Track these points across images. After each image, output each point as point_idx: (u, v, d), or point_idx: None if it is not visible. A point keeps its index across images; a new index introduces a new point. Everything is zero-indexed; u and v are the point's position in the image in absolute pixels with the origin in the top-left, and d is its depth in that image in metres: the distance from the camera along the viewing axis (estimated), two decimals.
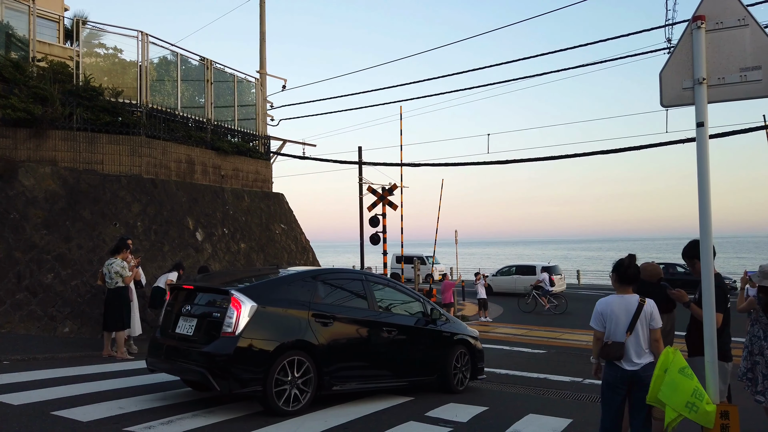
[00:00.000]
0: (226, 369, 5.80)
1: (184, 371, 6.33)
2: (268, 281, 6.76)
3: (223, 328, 5.95)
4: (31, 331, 10.04)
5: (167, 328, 6.60)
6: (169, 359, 6.31)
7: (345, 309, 6.93)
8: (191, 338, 6.19)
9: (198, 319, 6.26)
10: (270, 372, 5.94)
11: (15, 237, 10.64)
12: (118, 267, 8.99)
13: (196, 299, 6.50)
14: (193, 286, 6.72)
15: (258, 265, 14.72)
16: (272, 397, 5.95)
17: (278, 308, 6.28)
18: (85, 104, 12.18)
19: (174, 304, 6.74)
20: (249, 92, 17.20)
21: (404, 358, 7.45)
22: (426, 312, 7.95)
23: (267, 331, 6.09)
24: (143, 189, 12.53)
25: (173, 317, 6.56)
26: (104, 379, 7.39)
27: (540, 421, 6.42)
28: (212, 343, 5.95)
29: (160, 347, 6.48)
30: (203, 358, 5.91)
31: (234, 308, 5.97)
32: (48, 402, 6.04)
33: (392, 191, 17.95)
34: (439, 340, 7.92)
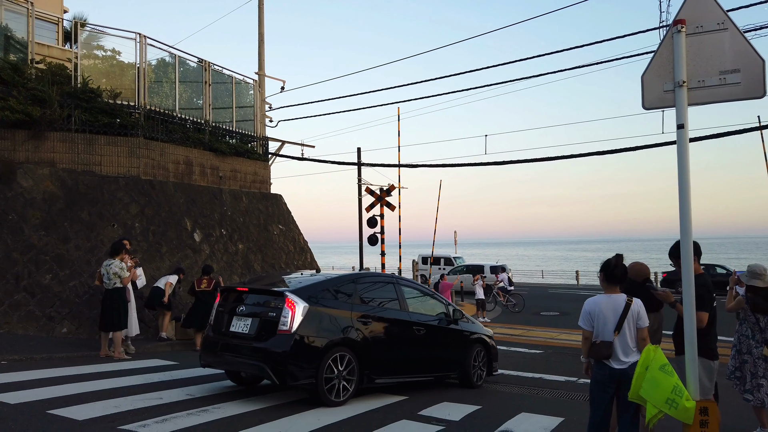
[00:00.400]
0: (284, 363, 6.36)
1: (243, 366, 6.87)
2: (316, 283, 7.23)
3: (279, 326, 6.52)
4: (30, 332, 10.10)
5: (220, 328, 7.09)
6: (225, 355, 6.87)
7: (380, 310, 7.55)
8: (247, 336, 6.73)
9: (253, 319, 6.81)
10: (321, 366, 6.52)
11: (13, 238, 10.70)
12: (117, 268, 9.06)
13: (250, 300, 7.06)
14: (248, 288, 7.27)
15: (256, 266, 14.79)
16: (323, 390, 6.53)
17: (326, 308, 6.87)
18: (83, 106, 12.25)
19: (225, 305, 7.22)
20: (247, 93, 17.28)
21: (431, 355, 8.08)
22: (448, 313, 8.58)
23: (317, 329, 6.65)
24: (141, 190, 12.60)
25: (225, 317, 7.07)
26: (101, 379, 7.46)
27: (532, 420, 6.48)
28: (270, 340, 6.52)
29: (215, 345, 7.00)
30: (262, 353, 6.48)
31: (289, 308, 6.56)
32: (44, 401, 6.10)
33: (390, 192, 18.02)
34: (460, 339, 8.54)
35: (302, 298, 6.68)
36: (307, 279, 7.53)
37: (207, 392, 7.08)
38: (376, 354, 7.16)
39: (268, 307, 6.81)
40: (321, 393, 6.52)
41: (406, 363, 7.73)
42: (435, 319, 8.29)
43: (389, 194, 18.05)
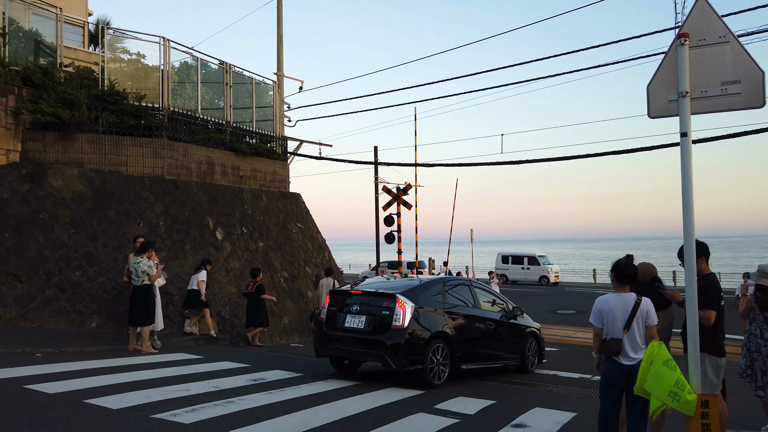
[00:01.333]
0: (399, 352, 7.74)
1: (360, 355, 8.27)
2: (417, 287, 8.56)
3: (392, 322, 7.86)
4: (61, 326, 10.53)
5: (335, 324, 8.40)
6: (342, 346, 8.28)
7: (462, 308, 8.95)
8: (363, 330, 8.09)
9: (367, 316, 8.14)
10: (426, 355, 7.91)
11: (45, 236, 11.14)
12: (145, 266, 9.42)
13: (362, 301, 8.36)
14: (361, 291, 8.58)
15: (275, 264, 15.13)
16: (427, 374, 7.91)
17: (426, 307, 8.25)
18: (110, 108, 12.67)
19: (337, 305, 8.55)
20: (266, 94, 17.61)
21: (498, 345, 9.53)
22: (508, 309, 10.03)
23: (422, 325, 8.02)
24: (165, 189, 12.99)
25: (338, 315, 8.42)
26: (131, 371, 7.81)
27: (545, 414, 6.69)
28: (385, 334, 7.85)
29: (331, 338, 8.35)
30: (380, 345, 7.84)
31: (400, 308, 7.91)
32: (80, 391, 6.45)
33: (407, 191, 18.24)
34: (518, 331, 10.01)
35: (410, 299, 8.03)
36: (408, 283, 8.90)
37: (231, 385, 7.39)
38: (460, 345, 8.57)
39: (380, 307, 8.09)
40: (426, 377, 7.89)
41: (481, 352, 9.16)
42: (499, 314, 9.70)
43: (406, 193, 18.27)
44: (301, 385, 7.68)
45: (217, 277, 13.05)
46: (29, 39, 12.74)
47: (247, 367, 8.77)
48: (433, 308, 8.36)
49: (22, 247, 10.89)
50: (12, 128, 11.71)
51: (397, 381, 8.44)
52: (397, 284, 8.78)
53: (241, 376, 8.01)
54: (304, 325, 14.82)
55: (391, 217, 18.28)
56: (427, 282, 8.86)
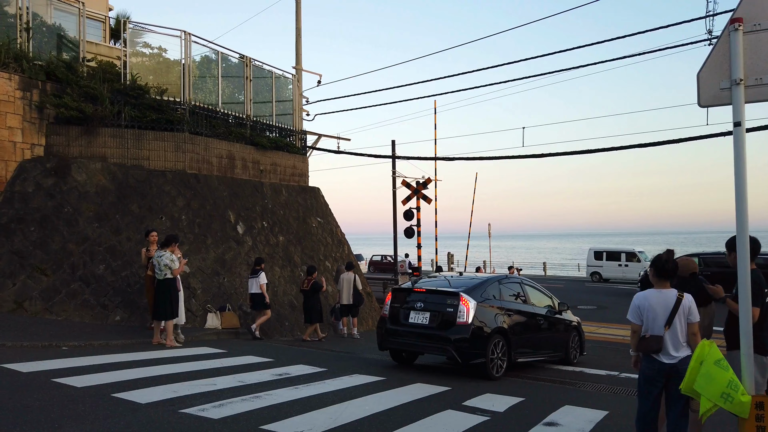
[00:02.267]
0: (464, 347, 8.30)
1: (426, 349, 8.84)
2: (477, 285, 9.06)
3: (457, 318, 8.41)
4: (85, 319, 10.59)
5: (398, 319, 8.96)
6: (406, 340, 8.85)
7: (516, 304, 9.51)
8: (428, 326, 8.62)
9: (431, 313, 8.66)
10: (488, 349, 8.45)
11: (69, 230, 11.21)
12: (168, 260, 9.41)
13: (426, 299, 8.86)
14: (425, 289, 9.06)
15: (296, 258, 15.10)
16: (489, 367, 8.44)
17: (486, 304, 8.76)
18: (132, 102, 12.69)
19: (400, 302, 9.08)
20: (286, 88, 17.56)
21: (546, 339, 10.09)
22: (554, 305, 10.56)
23: (484, 321, 8.55)
24: (187, 184, 13.00)
25: (401, 311, 8.96)
26: (156, 365, 7.81)
27: (576, 412, 6.55)
28: (451, 329, 8.40)
29: (395, 333, 8.93)
30: (445, 340, 8.38)
31: (464, 305, 8.44)
32: (108, 385, 6.45)
33: (426, 185, 18.09)
34: (563, 326, 10.59)
35: (472, 297, 8.58)
36: (468, 281, 9.41)
37: (257, 379, 7.35)
38: (516, 339, 9.06)
39: (444, 304, 8.60)
40: (488, 370, 8.44)
41: (533, 345, 9.69)
42: (546, 310, 10.23)
43: (426, 187, 18.13)
44: (327, 380, 7.62)
45: (238, 272, 13.06)
46: (52, 34, 12.79)
47: (271, 362, 8.74)
48: (491, 305, 8.88)
49: (46, 240, 10.96)
50: (36, 123, 11.78)
51: (424, 377, 8.36)
52: (458, 282, 9.30)
53: (266, 371, 7.97)
54: (325, 319, 14.78)
55: (411, 211, 18.16)
56: (484, 280, 9.37)
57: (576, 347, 10.93)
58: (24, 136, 11.56)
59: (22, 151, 11.55)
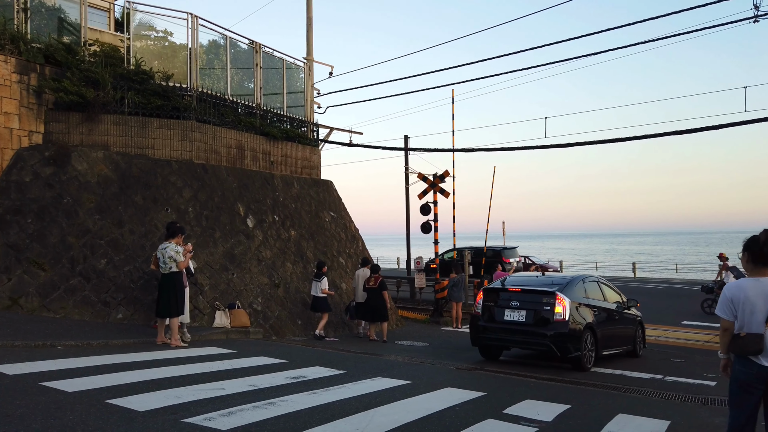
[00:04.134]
0: (564, 342, 8.97)
1: (525, 344, 9.55)
2: (568, 283, 9.71)
3: (554, 316, 9.04)
4: (85, 317, 9.89)
5: (492, 317, 9.62)
6: (503, 336, 9.53)
7: (597, 301, 10.11)
8: (524, 323, 9.26)
9: (527, 311, 9.28)
10: (582, 343, 9.15)
11: (68, 222, 10.51)
12: (173, 252, 8.68)
13: (521, 297, 9.47)
14: (520, 288, 9.63)
15: (309, 254, 14.35)
16: (583, 360, 9.16)
17: (577, 302, 9.37)
18: (136, 88, 11.99)
19: (493, 301, 9.72)
20: (297, 77, 16.81)
21: (621, 333, 10.70)
22: (622, 301, 11.12)
23: (577, 317, 9.20)
24: (194, 174, 12.28)
25: (494, 309, 9.60)
26: (159, 367, 7.07)
27: (634, 423, 5.75)
28: (549, 326, 9.05)
29: (490, 330, 9.61)
30: (545, 335, 9.04)
31: (560, 303, 9.08)
32: (103, 390, 5.72)
33: (444, 178, 17.27)
34: (631, 321, 11.23)
35: (566, 295, 9.18)
36: (558, 279, 10.11)
37: (270, 383, 6.60)
38: (600, 333, 9.66)
39: (541, 303, 9.21)
40: (582, 363, 9.13)
41: (612, 339, 10.25)
42: (618, 306, 10.80)
43: (443, 180, 17.31)
44: (347, 384, 6.85)
45: (248, 267, 12.32)
46: (52, 16, 12.12)
47: (284, 363, 7.98)
48: (581, 302, 9.45)
49: (44, 233, 10.27)
50: (34, 108, 11.09)
51: (454, 381, 7.58)
52: (548, 281, 9.93)
53: (280, 374, 7.22)
54: (339, 317, 14.02)
55: (428, 205, 17.34)
56: (572, 279, 10.06)
57: (640, 341, 11.48)
58: (21, 123, 10.88)
59: (19, 138, 10.86)
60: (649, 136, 14.32)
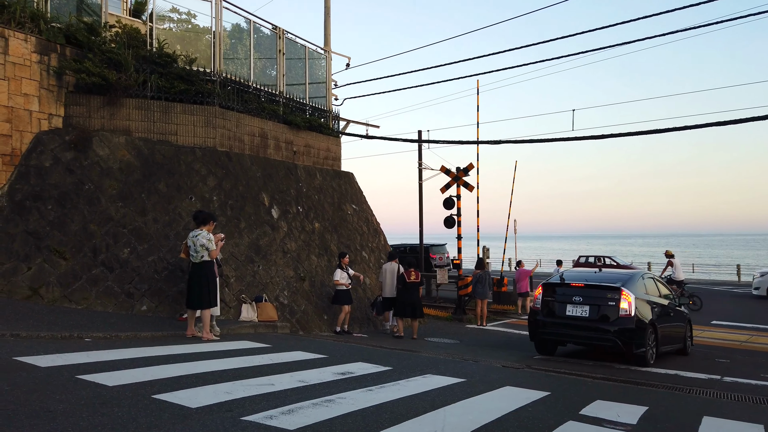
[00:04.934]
0: (630, 337, 8.81)
1: (589, 339, 9.29)
2: (630, 279, 9.53)
3: (620, 311, 8.90)
4: (108, 309, 9.41)
5: (553, 312, 9.49)
6: (565, 331, 9.37)
7: (655, 297, 9.94)
8: (588, 318, 9.10)
9: (591, 306, 9.12)
10: (646, 339, 8.98)
11: (90, 209, 10.03)
12: (205, 239, 8.19)
13: (584, 293, 9.28)
14: (583, 284, 9.43)
15: (332, 247, 13.86)
16: (647, 356, 9.03)
17: (640, 298, 9.19)
18: (159, 71, 11.50)
19: (553, 296, 9.55)
20: (319, 66, 16.32)
21: (674, 330, 10.44)
22: (673, 298, 10.93)
23: (641, 313, 9.05)
24: (218, 162, 11.79)
25: (555, 304, 9.48)
26: (197, 360, 6.59)
27: (727, 426, 5.27)
28: (615, 321, 8.88)
29: (552, 325, 9.46)
30: (611, 331, 8.87)
31: (625, 298, 8.92)
32: (145, 384, 5.23)
33: (468, 171, 16.78)
34: (683, 317, 11.01)
35: (631, 291, 9.01)
36: (620, 275, 9.96)
37: (319, 378, 6.12)
38: (660, 329, 9.52)
39: (605, 298, 9.04)
40: (647, 359, 9.00)
41: (668, 336, 10.03)
42: (671, 302, 10.60)
43: (467, 173, 16.81)
44: (399, 380, 6.38)
45: (274, 259, 11.84)
46: None
47: (325, 359, 7.50)
48: (642, 298, 9.29)
49: (65, 220, 9.79)
50: (54, 90, 10.60)
51: (509, 379, 7.10)
52: (612, 277, 9.75)
53: (325, 369, 6.73)
54: (364, 313, 13.55)
55: (451, 199, 16.83)
56: (633, 275, 9.90)
57: (689, 338, 11.28)
58: (41, 105, 10.39)
59: (39, 121, 10.38)
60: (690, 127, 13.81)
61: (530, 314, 10.07)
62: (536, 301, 9.90)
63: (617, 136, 14.44)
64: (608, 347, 9.23)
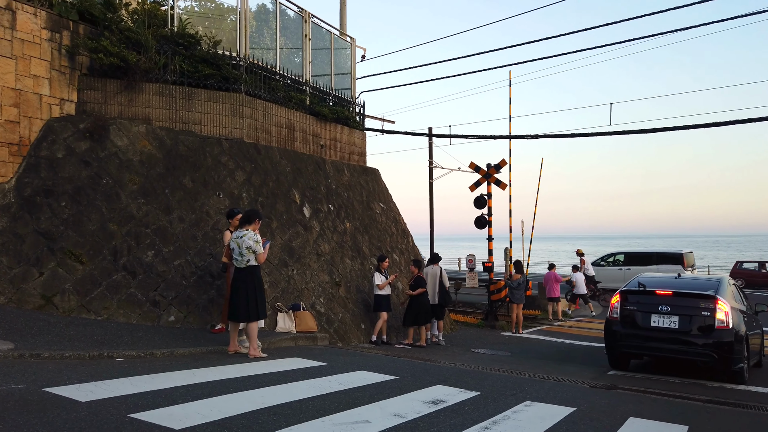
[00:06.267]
0: (728, 352, 7.95)
1: (677, 353, 8.28)
2: (721, 285, 8.69)
3: (716, 322, 8.03)
4: (132, 320, 8.25)
5: (635, 323, 8.56)
6: (650, 345, 8.44)
7: (743, 306, 9.21)
8: (677, 330, 8.19)
9: (680, 316, 8.21)
10: (743, 353, 8.16)
11: (109, 206, 8.86)
12: (251, 241, 7.06)
13: (672, 301, 8.35)
14: (671, 292, 8.50)
15: (364, 249, 12.77)
16: (744, 372, 8.14)
17: (734, 308, 8.40)
18: (182, 53, 10.34)
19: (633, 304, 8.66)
20: (344, 54, 15.22)
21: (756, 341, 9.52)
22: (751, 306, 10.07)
23: (737, 324, 8.23)
24: (246, 155, 10.65)
25: (639, 314, 8.55)
26: (258, 388, 5.47)
27: None
28: (711, 334, 8.00)
29: (634, 337, 8.53)
30: (707, 345, 7.97)
31: (720, 308, 8.08)
32: (218, 425, 4.13)
33: (500, 168, 15.79)
34: (759, 326, 10.04)
35: (725, 299, 8.21)
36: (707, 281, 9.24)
37: (415, 412, 5.04)
38: (750, 341, 8.64)
39: (697, 308, 8.18)
40: (744, 375, 8.13)
41: (755, 350, 9.19)
42: (748, 309, 9.72)
43: (498, 170, 15.83)
44: (504, 412, 5.33)
45: (308, 263, 10.73)
46: None
47: (396, 381, 6.43)
48: (735, 308, 8.48)
49: (81, 219, 8.61)
50: (66, 73, 9.41)
51: (629, 409, 6.07)
52: (698, 283, 9.01)
53: (408, 397, 5.66)
54: (400, 320, 12.46)
55: (483, 197, 15.81)
56: (720, 281, 9.12)
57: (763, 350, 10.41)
58: (52, 89, 9.19)
59: (50, 107, 9.18)
60: (743, 121, 12.92)
61: (606, 324, 9.07)
62: (613, 311, 8.95)
63: (682, 128, 13.50)
64: (701, 362, 8.27)
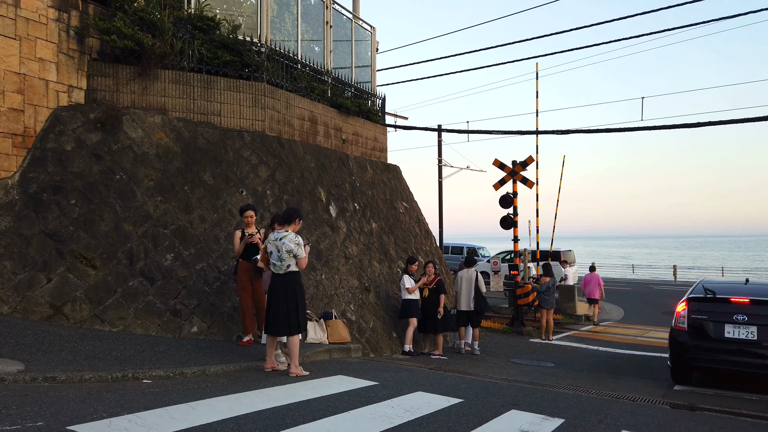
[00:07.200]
0: None
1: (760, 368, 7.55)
2: None
3: None
4: (151, 331, 7.39)
5: (707, 334, 7.85)
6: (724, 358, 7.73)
7: None
8: (755, 342, 7.54)
9: (759, 327, 7.55)
10: None
11: (123, 204, 8.00)
12: (293, 244, 6.20)
13: (751, 310, 7.68)
14: (749, 299, 7.81)
15: (391, 252, 11.94)
16: None
17: None
18: (200, 37, 9.48)
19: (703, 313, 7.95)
20: (364, 43, 14.39)
21: None
22: None
23: None
24: (269, 149, 9.81)
25: (710, 324, 7.84)
26: (315, 420, 4.62)
27: None
28: None
29: (705, 349, 7.84)
30: None
31: None
32: None
33: (526, 165, 15.00)
34: None
35: None
36: None
37: None
38: None
39: None
40: None
41: None
42: None
43: (524, 168, 15.04)
44: None
45: (336, 266, 9.89)
46: None
47: (463, 405, 5.60)
48: None
49: (93, 218, 7.74)
50: (75, 57, 8.54)
51: None
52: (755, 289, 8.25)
53: (488, 428, 4.83)
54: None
55: (508, 196, 15.02)
56: None
57: None
58: (59, 74, 8.32)
59: (57, 94, 8.31)
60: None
61: (672, 335, 8.29)
62: (680, 320, 8.20)
63: (712, 124, 12.76)
64: None
